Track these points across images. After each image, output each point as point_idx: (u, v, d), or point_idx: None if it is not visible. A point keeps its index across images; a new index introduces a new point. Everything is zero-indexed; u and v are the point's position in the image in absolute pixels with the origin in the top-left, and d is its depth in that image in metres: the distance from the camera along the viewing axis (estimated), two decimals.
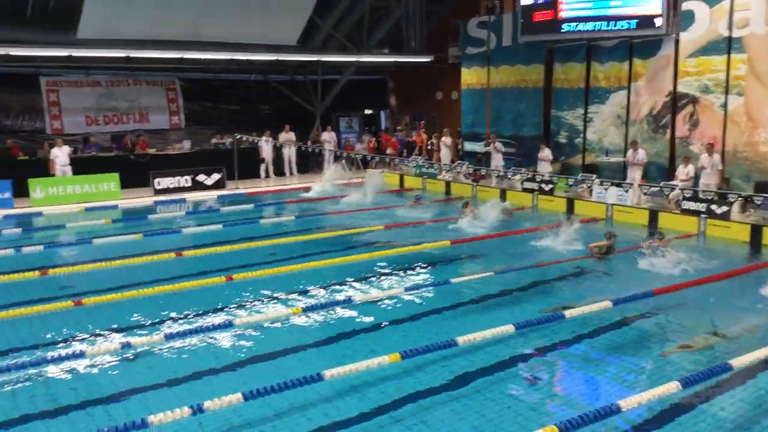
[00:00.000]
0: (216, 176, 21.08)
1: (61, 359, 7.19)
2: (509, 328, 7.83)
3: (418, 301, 9.43)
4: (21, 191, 18.29)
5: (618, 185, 16.14)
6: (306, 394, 6.33)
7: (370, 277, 10.67)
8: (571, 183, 17.39)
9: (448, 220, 15.32)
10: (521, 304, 9.30)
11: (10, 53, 18.87)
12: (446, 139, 22.62)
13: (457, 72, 23.80)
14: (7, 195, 17.97)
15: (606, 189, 16.16)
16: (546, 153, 19.34)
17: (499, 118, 22.17)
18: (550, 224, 13.59)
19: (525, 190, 17.94)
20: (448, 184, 20.18)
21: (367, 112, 29.86)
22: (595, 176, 17.24)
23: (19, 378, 6.84)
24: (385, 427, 5.83)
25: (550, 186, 17.36)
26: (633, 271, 10.95)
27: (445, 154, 22.45)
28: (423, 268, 11.32)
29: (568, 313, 8.43)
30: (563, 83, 20.12)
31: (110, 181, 19.47)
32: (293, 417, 5.99)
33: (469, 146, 23.17)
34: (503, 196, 18.07)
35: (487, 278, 10.39)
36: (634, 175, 17.07)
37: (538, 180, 17.74)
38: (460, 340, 7.35)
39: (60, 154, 19.27)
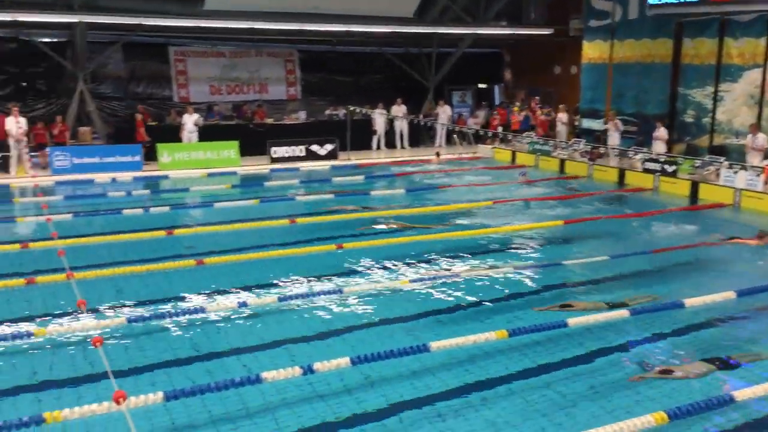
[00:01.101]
0: (329, 147, 21.48)
1: (183, 313, 7.61)
2: (624, 313, 7.55)
3: (527, 280, 9.25)
4: (150, 155, 19.43)
5: (746, 169, 15.07)
6: (410, 363, 6.38)
7: (479, 253, 10.57)
8: (697, 164, 16.42)
9: (560, 198, 14.91)
10: (639, 288, 8.91)
11: (143, 23, 19.91)
12: (562, 116, 21.92)
13: (577, 45, 22.90)
14: (137, 158, 19.12)
15: (735, 173, 15.13)
16: (662, 132, 18.27)
17: (621, 95, 21.19)
18: (672, 207, 12.95)
19: (646, 170, 17.10)
20: (562, 162, 19.59)
21: (481, 86, 29.36)
22: (723, 158, 16.17)
23: (144, 328, 7.29)
24: (490, 400, 5.79)
25: (674, 167, 16.46)
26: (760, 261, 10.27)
27: (561, 131, 21.77)
28: (534, 246, 11.09)
29: (688, 302, 8.01)
30: (692, 59, 18.91)
31: (231, 149, 20.29)
32: (397, 385, 6.06)
33: (586, 123, 22.33)
34: (621, 176, 17.36)
35: (601, 262, 10.04)
36: (753, 161, 15.79)
37: (661, 161, 16.86)
38: (571, 321, 7.17)
39: (188, 122, 20.23)
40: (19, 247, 10.44)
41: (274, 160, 20.61)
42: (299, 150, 21.08)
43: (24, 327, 7.12)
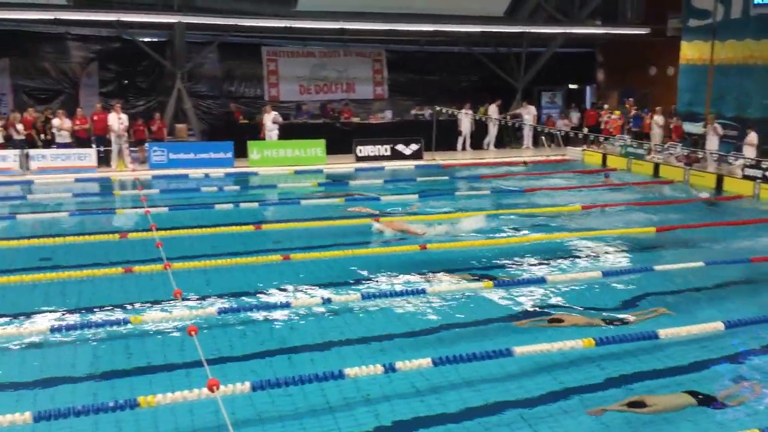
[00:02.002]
0: (414, 147, 21.50)
1: (269, 307, 7.79)
2: (718, 326, 7.19)
3: (617, 286, 8.96)
4: (240, 152, 20.03)
5: None
6: (491, 368, 6.29)
7: (566, 257, 10.33)
8: None
9: (650, 204, 14.38)
10: (735, 299, 8.47)
11: (238, 24, 20.55)
12: (658, 118, 21.10)
13: (675, 46, 21.98)
14: (229, 155, 19.75)
15: None
16: (752, 137, 17.32)
17: (721, 98, 20.19)
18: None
19: (746, 177, 16.24)
20: (656, 166, 18.86)
21: (572, 86, 28.65)
22: None
23: (232, 320, 7.51)
24: (574, 412, 5.64)
25: None
26: None
27: (657, 134, 20.96)
28: (623, 252, 10.74)
29: None
30: None
31: (317, 147, 20.66)
32: (476, 388, 5.99)
33: (684, 127, 21.42)
34: (719, 182, 16.57)
35: (696, 269, 9.59)
36: None
37: (763, 167, 15.97)
38: (662, 333, 6.89)
39: (267, 120, 20.71)
40: (118, 237, 10.96)
41: (360, 159, 20.81)
42: (384, 149, 21.21)
43: (121, 314, 7.48)
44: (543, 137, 23.25)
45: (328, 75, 24.99)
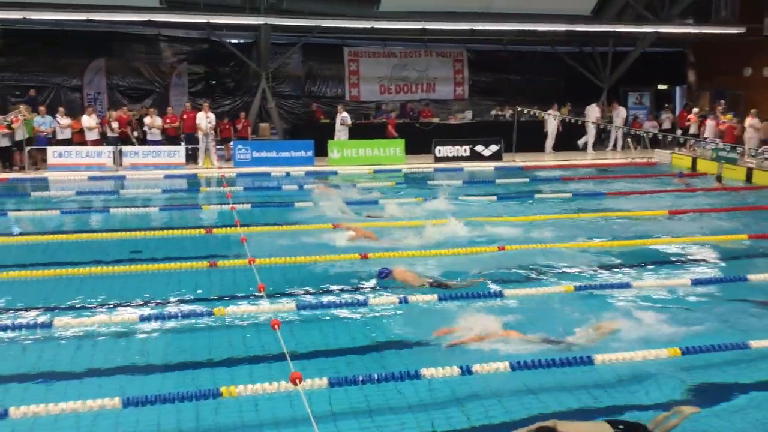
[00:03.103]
0: (494, 148, 21.28)
1: (346, 304, 7.87)
2: None
3: (706, 294, 8.58)
4: (321, 151, 20.36)
5: None
6: (572, 375, 6.15)
7: (650, 263, 9.97)
8: None
9: (743, 210, 13.73)
10: None
11: (322, 25, 20.88)
12: (754, 121, 20.09)
13: None
14: (310, 154, 20.11)
15: None
16: None
17: None
18: None
19: None
20: (750, 171, 17.97)
21: (660, 87, 27.65)
22: None
23: (311, 316, 7.62)
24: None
25: None
26: None
27: (752, 138, 19.97)
28: (712, 259, 10.27)
29: None
30: None
31: (397, 147, 20.75)
32: (554, 395, 5.86)
33: None
34: None
35: None
36: None
37: None
38: (753, 344, 6.56)
39: (337, 121, 20.94)
40: (203, 232, 11.32)
41: (438, 159, 20.77)
42: (463, 150, 21.09)
43: (205, 307, 7.71)
44: (629, 139, 22.55)
45: (408, 75, 25.08)
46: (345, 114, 21.14)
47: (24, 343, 6.83)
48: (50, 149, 18.84)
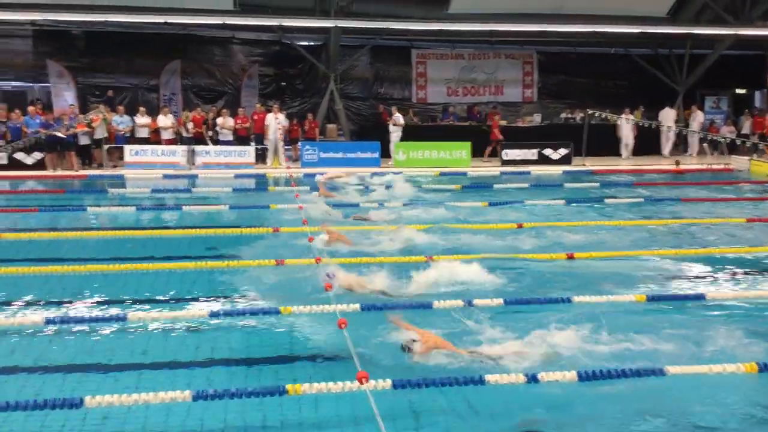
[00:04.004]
0: (563, 151, 20.92)
1: (410, 306, 7.82)
2: None
3: None
4: (387, 152, 20.45)
5: None
6: (642, 385, 5.94)
7: (728, 274, 9.57)
8: None
9: None
10: None
11: (390, 27, 20.97)
12: None
13: None
14: (376, 155, 20.22)
15: None
16: None
17: None
18: None
19: None
20: None
21: (739, 91, 26.57)
22: None
23: (374, 316, 7.61)
24: None
25: None
26: None
27: None
28: None
29: None
30: None
31: (463, 149, 20.63)
32: (623, 407, 5.69)
33: None
34: None
35: None
36: None
37: None
38: None
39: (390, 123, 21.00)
40: (271, 230, 11.52)
41: (505, 163, 20.55)
42: (531, 153, 20.81)
43: (272, 304, 7.82)
44: (705, 145, 21.76)
45: (476, 77, 24.94)
46: (398, 115, 21.22)
47: (100, 334, 7.08)
48: (127, 148, 19.56)
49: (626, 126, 21.93)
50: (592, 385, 5.89)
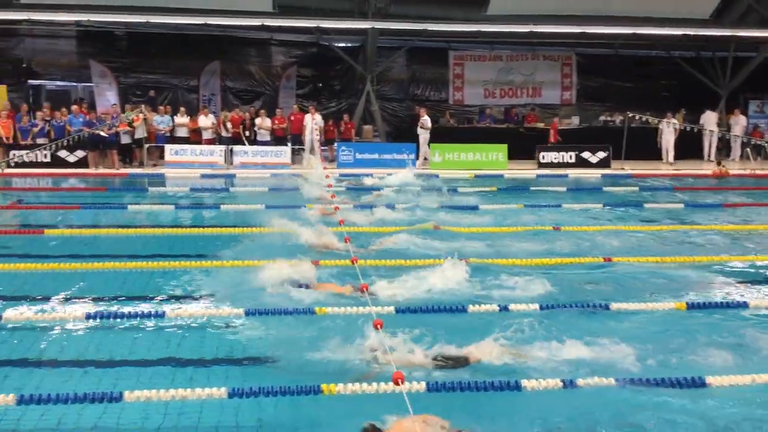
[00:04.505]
0: (601, 154, 20.64)
1: (444, 309, 7.78)
2: None
3: None
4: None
5: None
6: (688, 396, 5.82)
7: (760, 281, 9.33)
8: None
9: None
10: None
11: (428, 29, 20.94)
12: None
13: None
14: (412, 156, 20.20)
15: None
16: None
17: None
18: None
19: None
20: None
21: None
22: None
23: (409, 318, 7.60)
24: None
25: None
26: None
27: None
28: None
29: None
30: None
31: (499, 152, 20.49)
32: (659, 414, 5.57)
33: None
34: None
35: None
36: None
37: None
38: None
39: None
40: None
41: (542, 165, 20.36)
42: (569, 156, 20.59)
43: (307, 304, 7.85)
44: (749, 149, 21.26)
45: (514, 79, 24.76)
46: (426, 117, 21.15)
47: (138, 330, 7.20)
48: (168, 147, 19.88)
49: (668, 130, 21.53)
50: (629, 392, 5.80)
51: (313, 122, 20.11)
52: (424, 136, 20.98)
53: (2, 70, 23.31)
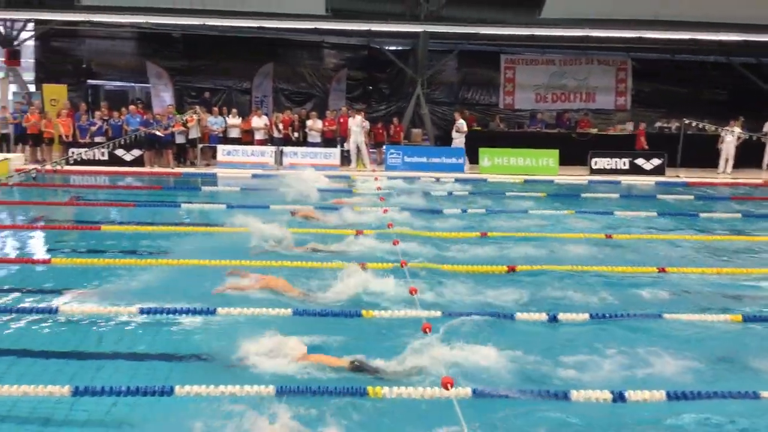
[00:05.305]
0: (656, 161, 20.20)
1: (493, 315, 7.70)
2: None
3: None
4: (471, 158, 20.31)
5: None
6: (742, 410, 5.65)
7: None
8: None
9: None
10: None
11: (480, 32, 20.82)
12: None
13: None
14: (460, 160, 20.12)
15: None
16: None
17: None
18: None
19: None
20: None
21: None
22: None
23: (460, 323, 7.54)
24: None
25: None
26: None
27: None
28: None
29: None
30: None
31: (550, 157, 20.24)
32: (710, 429, 5.42)
33: None
34: None
35: None
36: None
37: None
38: None
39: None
40: (354, 233, 11.58)
41: (594, 172, 20.04)
42: (622, 162, 20.22)
43: (354, 306, 7.87)
44: None
45: (566, 83, 24.42)
46: (461, 121, 21.01)
47: (190, 326, 7.33)
48: (220, 147, 20.25)
49: (729, 138, 20.90)
50: (680, 405, 5.66)
51: (359, 124, 20.18)
52: (459, 139, 20.88)
53: (63, 70, 24.11)
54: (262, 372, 6.10)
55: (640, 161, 20.19)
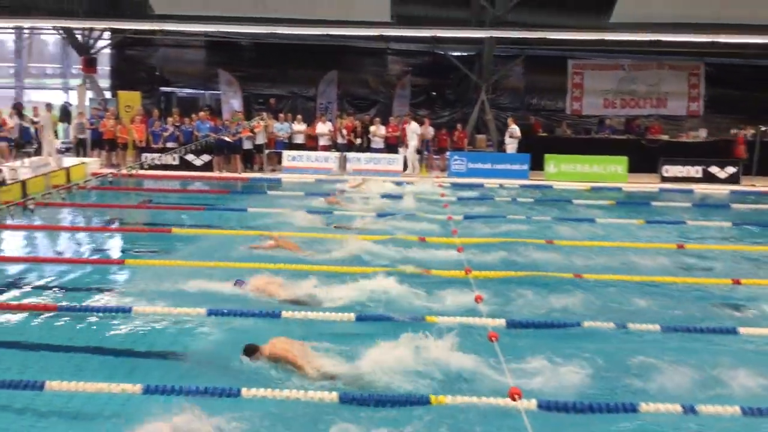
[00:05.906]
0: (730, 170, 19.47)
1: (560, 325, 7.55)
2: None
3: None
4: (537, 165, 20.01)
5: None
6: None
7: None
8: None
9: None
10: None
11: (547, 37, 20.53)
12: None
13: None
14: (525, 167, 19.86)
15: None
16: None
17: None
18: None
19: None
20: None
21: None
22: None
23: (522, 332, 7.43)
24: None
25: None
26: None
27: None
28: None
29: None
30: None
31: (618, 164, 19.77)
32: None
33: None
34: None
35: None
36: None
37: None
38: None
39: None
40: (417, 239, 11.56)
41: (665, 180, 19.47)
42: (695, 170, 19.58)
43: (418, 313, 7.83)
44: None
45: (636, 89, 23.79)
46: (514, 126, 20.66)
47: (255, 328, 7.43)
48: (285, 153, 20.58)
49: None
50: (757, 422, 5.43)
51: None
52: (512, 145, 20.60)
53: (137, 77, 24.99)
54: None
55: (714, 169, 19.48)
